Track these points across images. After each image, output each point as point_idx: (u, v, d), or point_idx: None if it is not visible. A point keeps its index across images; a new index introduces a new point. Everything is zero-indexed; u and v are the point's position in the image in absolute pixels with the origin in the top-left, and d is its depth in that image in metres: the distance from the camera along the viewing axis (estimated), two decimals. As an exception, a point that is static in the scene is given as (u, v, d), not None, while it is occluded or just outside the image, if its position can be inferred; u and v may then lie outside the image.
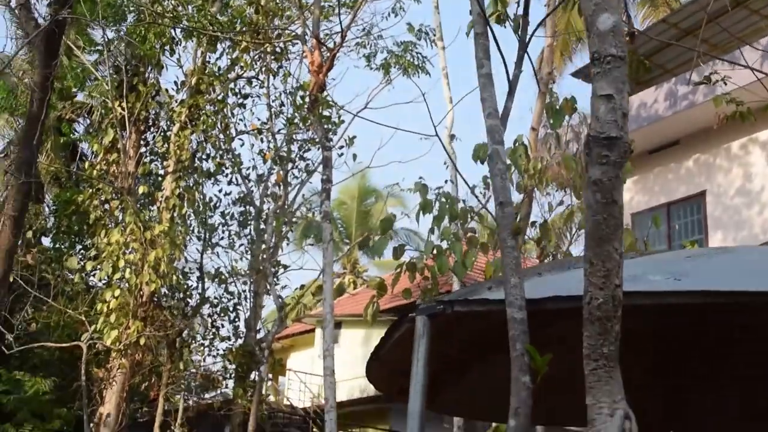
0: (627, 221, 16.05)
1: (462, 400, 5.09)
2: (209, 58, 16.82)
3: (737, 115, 11.78)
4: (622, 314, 2.90)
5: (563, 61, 25.67)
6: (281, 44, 16.48)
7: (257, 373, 16.10)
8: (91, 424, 14.23)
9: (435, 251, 8.84)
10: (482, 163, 9.60)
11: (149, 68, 16.69)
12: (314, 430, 21.99)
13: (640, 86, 15.98)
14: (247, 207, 16.84)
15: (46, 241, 18.97)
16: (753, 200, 16.63)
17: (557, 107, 9.58)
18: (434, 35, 15.29)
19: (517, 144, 9.79)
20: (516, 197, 10.95)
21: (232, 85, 16.95)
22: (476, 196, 10.21)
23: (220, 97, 16.72)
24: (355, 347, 24.54)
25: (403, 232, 37.88)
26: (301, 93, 15.36)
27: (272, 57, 16.17)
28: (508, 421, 3.18)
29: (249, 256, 16.95)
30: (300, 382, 24.53)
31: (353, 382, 23.74)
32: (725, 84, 11.95)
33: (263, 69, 16.26)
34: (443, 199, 9.37)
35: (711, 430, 5.24)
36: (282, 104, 16.42)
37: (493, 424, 10.48)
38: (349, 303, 26.94)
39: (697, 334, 4.02)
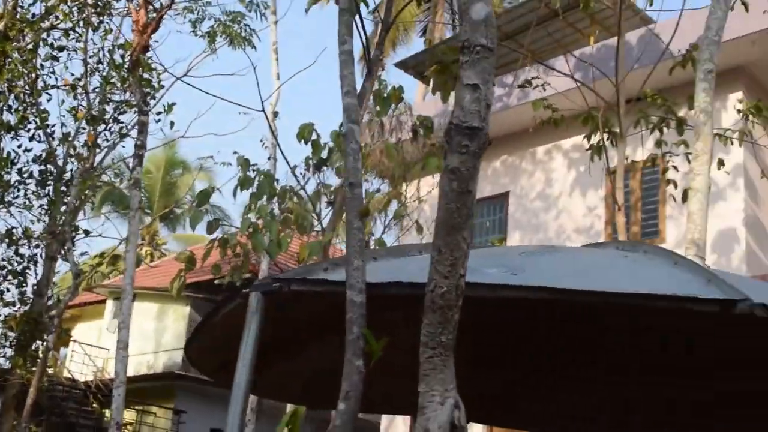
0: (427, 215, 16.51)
1: (287, 383, 5.05)
2: (22, 2, 16.25)
3: (552, 121, 12.25)
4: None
5: (388, 51, 26.10)
6: (104, -4, 16.04)
7: (42, 342, 15.60)
8: None
9: (251, 229, 8.81)
10: (306, 143, 9.65)
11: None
12: (94, 405, 21.49)
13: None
14: (48, 166, 16.32)
15: None
16: (551, 205, 17.35)
17: (385, 95, 9.71)
18: (265, 8, 15.17)
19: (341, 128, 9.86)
20: (335, 181, 11.05)
21: (45, 35, 16.42)
22: (296, 176, 10.25)
23: (30, 47, 16.20)
24: (147, 322, 24.16)
25: (211, 208, 37.62)
26: (121, 52, 14.98)
27: (93, 10, 15.68)
28: (338, 404, 3.18)
29: (46, 218, 16.44)
30: (84, 355, 23.93)
31: (141, 358, 23.40)
32: (544, 89, 12.43)
33: (82, 21, 15.75)
34: (263, 177, 9.33)
35: (538, 424, 5.47)
36: (100, 61, 15.92)
37: (290, 407, 10.52)
38: (145, 276, 26.40)
39: (529, 329, 4.15)
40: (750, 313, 3.09)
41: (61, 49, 16.47)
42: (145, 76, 13.34)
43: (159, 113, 14.85)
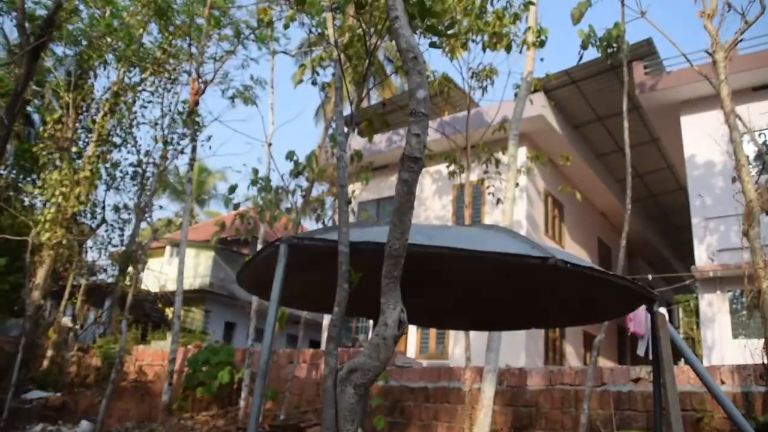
0: (355, 207, 16.53)
1: (300, 296, 4.99)
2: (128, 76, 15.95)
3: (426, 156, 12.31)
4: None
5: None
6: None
7: (135, 269, 15.22)
8: (28, 289, 13.39)
9: (259, 209, 8.74)
10: (290, 161, 9.56)
11: (89, 74, 15.56)
12: (160, 306, 20.97)
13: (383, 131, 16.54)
14: (138, 169, 15.88)
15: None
16: (421, 203, 17.40)
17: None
18: (265, 84, 15.03)
19: (312, 153, 9.81)
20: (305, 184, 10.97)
21: (139, 94, 16.13)
22: (283, 180, 10.18)
23: (131, 100, 15.89)
24: (189, 260, 23.82)
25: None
26: (182, 105, 14.88)
27: (169, 79, 15.31)
28: (333, 308, 3.18)
29: (136, 198, 16.06)
30: (153, 277, 23.45)
31: (187, 280, 23.06)
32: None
33: (161, 87, 15.42)
34: (264, 180, 9.23)
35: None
36: (170, 110, 15.60)
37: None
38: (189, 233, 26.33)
39: (431, 268, 4.21)
40: (555, 264, 3.20)
41: (149, 101, 16.04)
42: (196, 119, 13.05)
43: (203, 141, 14.84)
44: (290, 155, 9.71)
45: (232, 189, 8.87)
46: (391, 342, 2.98)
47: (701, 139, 13.81)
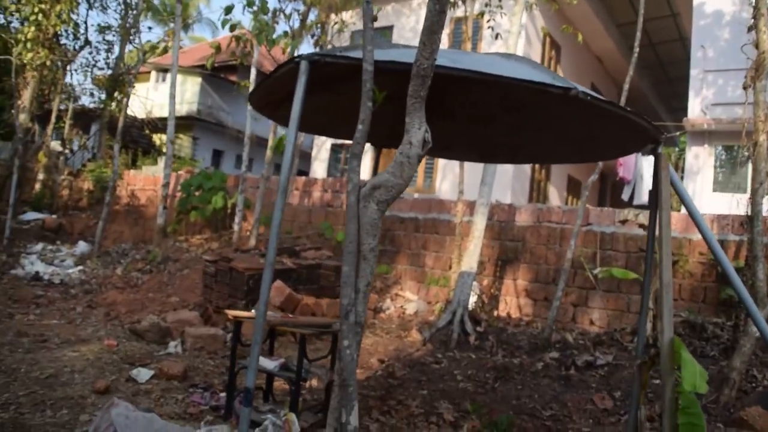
0: (348, 38, 15.97)
1: (319, 121, 4.96)
2: None
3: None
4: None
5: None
6: None
7: (123, 93, 14.89)
8: (15, 111, 13.11)
9: (258, 30, 8.39)
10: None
11: None
12: (147, 131, 20.80)
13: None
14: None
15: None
16: (417, 34, 16.85)
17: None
18: None
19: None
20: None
21: None
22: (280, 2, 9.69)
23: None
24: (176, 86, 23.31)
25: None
26: None
27: None
28: (357, 126, 3.19)
29: (120, 18, 15.32)
30: (141, 104, 23.09)
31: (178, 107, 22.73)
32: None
33: None
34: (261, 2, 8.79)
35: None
36: None
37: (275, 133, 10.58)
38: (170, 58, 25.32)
39: (453, 93, 4.19)
40: (576, 95, 3.23)
41: None
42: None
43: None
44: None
45: (229, 9, 8.46)
46: (415, 161, 3.05)
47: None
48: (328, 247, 10.33)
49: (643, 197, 10.41)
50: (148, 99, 21.58)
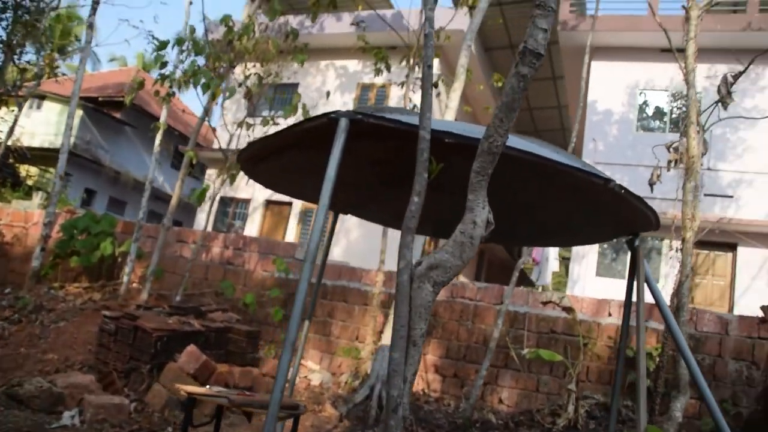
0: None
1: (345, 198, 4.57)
2: None
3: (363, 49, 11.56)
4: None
5: None
6: None
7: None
8: None
9: (194, 73, 7.89)
10: (225, 25, 8.71)
11: None
12: (13, 161, 18.65)
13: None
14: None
15: None
16: (322, 95, 16.86)
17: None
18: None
19: (250, 21, 8.94)
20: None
21: None
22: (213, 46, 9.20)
23: None
24: (52, 117, 21.32)
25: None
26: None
27: None
28: (411, 198, 2.95)
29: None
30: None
31: (49, 138, 20.75)
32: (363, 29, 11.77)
33: None
34: (193, 42, 8.34)
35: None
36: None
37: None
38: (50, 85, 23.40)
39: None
40: (612, 188, 3.27)
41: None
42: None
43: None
44: (225, 20, 8.88)
45: (163, 45, 7.91)
46: (477, 242, 2.85)
47: (607, 86, 14.57)
48: (231, 308, 9.66)
49: (547, 278, 10.93)
50: (19, 126, 19.62)
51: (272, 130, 10.23)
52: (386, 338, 8.19)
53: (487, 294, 9.48)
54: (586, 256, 13.86)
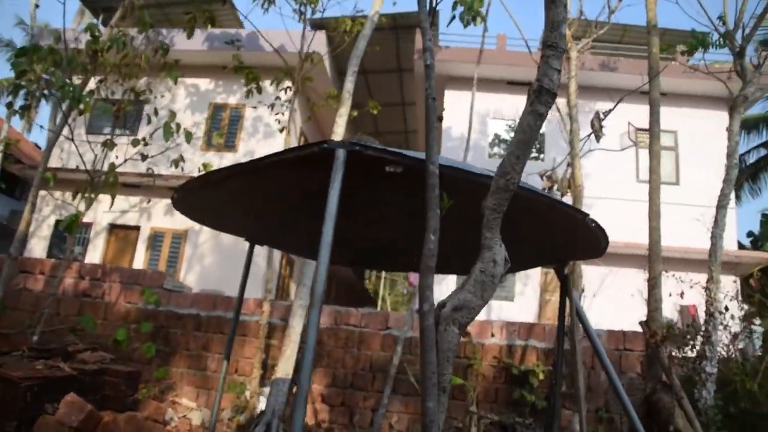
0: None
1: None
2: None
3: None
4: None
5: None
6: None
7: None
8: None
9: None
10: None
11: None
12: None
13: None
14: None
15: None
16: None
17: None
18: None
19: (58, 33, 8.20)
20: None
21: None
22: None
23: None
24: None
25: None
26: None
27: None
28: (426, 235, 2.87)
29: None
30: None
31: None
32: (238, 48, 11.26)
33: None
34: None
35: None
36: None
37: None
38: None
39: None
40: (588, 224, 3.47)
41: None
42: None
43: None
44: (91, 28, 8.10)
45: (22, 52, 6.95)
46: (497, 280, 2.84)
47: (459, 114, 15.37)
48: (93, 346, 8.70)
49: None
50: None
51: (145, 150, 9.51)
52: (280, 371, 7.86)
53: (372, 320, 9.48)
54: (446, 278, 14.39)
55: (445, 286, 13.31)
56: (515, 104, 15.01)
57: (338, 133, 8.64)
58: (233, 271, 14.24)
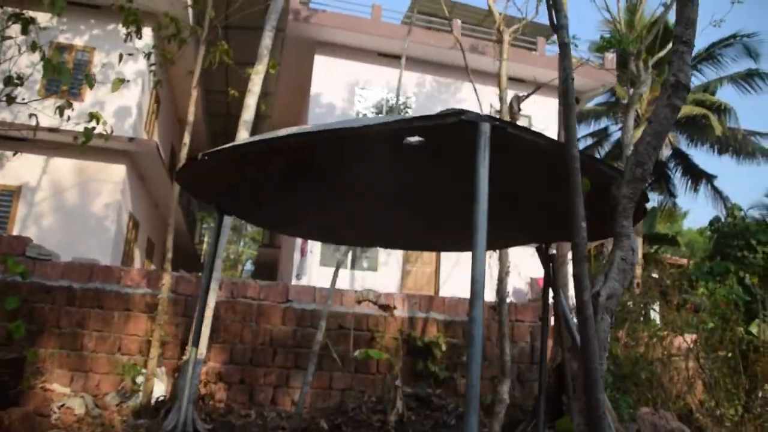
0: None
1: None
2: None
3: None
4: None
5: None
6: None
7: None
8: None
9: None
10: None
11: None
12: None
13: None
14: None
15: None
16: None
17: None
18: None
19: None
20: None
21: None
22: None
23: None
24: None
25: None
26: None
27: None
28: (576, 223, 2.83)
29: None
30: None
31: None
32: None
33: None
34: None
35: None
36: None
37: None
38: None
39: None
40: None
41: None
42: None
43: None
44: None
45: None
46: (634, 268, 2.91)
47: (329, 81, 15.16)
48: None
49: (310, 272, 10.86)
50: None
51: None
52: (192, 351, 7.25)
53: (272, 292, 9.14)
54: (313, 248, 14.23)
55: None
56: (384, 75, 15.14)
57: (254, 91, 8.10)
58: (78, 235, 12.80)
